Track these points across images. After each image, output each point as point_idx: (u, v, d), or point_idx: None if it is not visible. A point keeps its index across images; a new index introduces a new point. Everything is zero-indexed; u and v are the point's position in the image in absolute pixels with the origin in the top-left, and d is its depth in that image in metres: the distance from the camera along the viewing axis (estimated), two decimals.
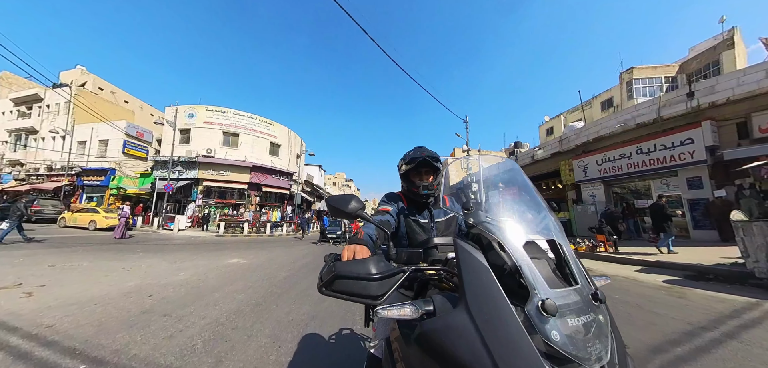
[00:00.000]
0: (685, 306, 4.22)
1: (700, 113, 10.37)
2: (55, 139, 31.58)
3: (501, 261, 0.88)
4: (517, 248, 0.81)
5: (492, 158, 1.35)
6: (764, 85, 9.14)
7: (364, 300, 0.82)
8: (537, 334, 0.68)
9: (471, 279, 0.77)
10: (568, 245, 0.91)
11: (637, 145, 12.25)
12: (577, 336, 0.69)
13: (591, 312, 0.76)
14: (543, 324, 0.68)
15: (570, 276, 0.85)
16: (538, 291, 0.73)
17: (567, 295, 0.76)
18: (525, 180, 1.15)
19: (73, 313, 3.51)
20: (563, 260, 0.89)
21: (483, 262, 0.79)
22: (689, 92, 10.44)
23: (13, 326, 3.05)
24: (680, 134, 10.87)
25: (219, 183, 23.47)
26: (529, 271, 0.76)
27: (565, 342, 0.67)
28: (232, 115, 25.23)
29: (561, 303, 0.72)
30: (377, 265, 0.86)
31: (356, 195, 1.12)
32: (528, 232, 0.89)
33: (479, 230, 0.93)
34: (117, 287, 4.79)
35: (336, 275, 0.83)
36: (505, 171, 1.24)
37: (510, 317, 0.69)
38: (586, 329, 0.71)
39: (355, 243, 1.04)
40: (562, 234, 0.94)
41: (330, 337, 3.15)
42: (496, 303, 0.71)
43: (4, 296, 4.04)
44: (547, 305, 0.69)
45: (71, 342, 2.76)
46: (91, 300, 4.01)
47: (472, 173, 1.31)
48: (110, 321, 3.33)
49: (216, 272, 6.46)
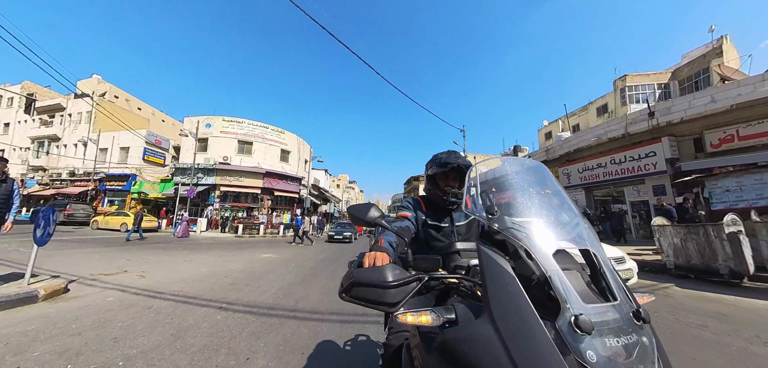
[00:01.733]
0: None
1: (660, 130, 12.04)
2: (76, 146, 33.67)
3: (528, 271, 0.84)
4: (547, 257, 0.76)
5: (519, 159, 1.29)
6: (710, 107, 10.81)
7: (380, 306, 0.82)
8: (570, 354, 0.62)
9: (496, 288, 0.73)
10: (605, 256, 0.84)
11: (610, 156, 13.93)
12: (617, 358, 0.63)
13: (633, 332, 0.69)
14: (577, 343, 0.63)
15: (607, 291, 0.78)
16: (571, 306, 0.67)
17: (604, 312, 0.70)
18: (554, 182, 1.09)
19: (186, 285, 5.27)
20: (599, 272, 0.82)
21: (509, 270, 0.75)
22: (650, 112, 12.10)
23: (157, 291, 4.82)
24: (645, 148, 12.55)
25: (234, 188, 25.31)
26: (560, 283, 0.71)
27: (603, 364, 0.61)
28: (246, 124, 27.14)
29: (597, 321, 0.66)
30: (393, 272, 0.84)
31: (375, 204, 1.14)
32: (558, 240, 0.84)
33: (505, 236, 0.87)
34: (196, 271, 6.57)
35: (353, 281, 0.85)
36: (533, 173, 1.16)
37: (539, 331, 0.64)
38: (627, 352, 0.65)
39: (375, 250, 1.05)
40: (597, 243, 0.87)
41: (345, 344, 3.16)
42: (524, 315, 0.67)
43: (126, 277, 5.80)
44: (581, 321, 0.63)
45: (202, 298, 4.52)
46: (189, 278, 5.78)
47: (495, 174, 1.27)
48: (215, 288, 5.10)
49: (258, 263, 8.24)
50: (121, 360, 2.56)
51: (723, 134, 11.09)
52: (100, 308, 3.88)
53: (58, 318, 3.47)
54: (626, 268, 4.96)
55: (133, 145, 29.98)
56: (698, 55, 26.95)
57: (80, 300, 4.15)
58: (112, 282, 5.28)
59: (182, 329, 3.30)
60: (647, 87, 29.73)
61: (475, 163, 1.35)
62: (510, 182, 1.09)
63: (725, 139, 11.06)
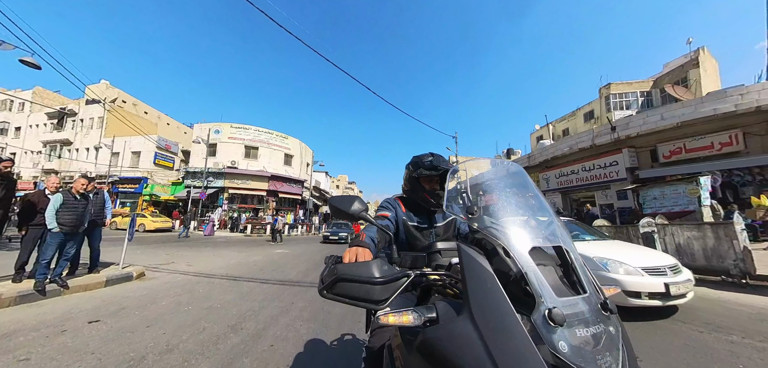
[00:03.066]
0: None
1: (621, 142, 13.79)
2: (88, 150, 35.32)
3: (506, 268, 0.84)
4: (523, 255, 0.80)
5: (498, 162, 1.32)
6: (660, 124, 12.56)
7: (367, 304, 0.81)
8: (544, 344, 0.66)
9: (475, 285, 0.75)
10: (576, 252, 0.89)
11: (581, 164, 15.69)
12: (585, 347, 0.68)
13: (600, 322, 0.74)
14: (550, 334, 0.67)
15: (578, 284, 0.83)
16: (545, 300, 0.71)
17: (575, 304, 0.75)
18: (530, 184, 1.13)
19: (228, 270, 6.98)
20: (571, 267, 0.87)
21: (488, 268, 0.78)
22: (612, 127, 13.86)
23: (210, 274, 6.52)
24: (609, 158, 14.30)
25: (241, 191, 27.01)
26: (535, 278, 0.74)
27: (573, 353, 0.65)
28: (252, 131, 28.84)
29: (569, 313, 0.70)
30: (380, 268, 0.84)
31: (359, 196, 1.12)
32: (534, 238, 0.88)
33: (483, 235, 0.91)
34: (228, 262, 8.27)
35: (338, 277, 0.83)
36: (511, 174, 1.20)
37: (515, 326, 0.67)
38: (595, 340, 0.70)
39: (357, 245, 1.04)
40: (569, 240, 0.91)
41: (331, 342, 3.19)
42: (501, 311, 0.70)
43: (178, 267, 7.49)
44: (555, 314, 0.67)
45: (245, 277, 6.23)
46: (226, 266, 7.49)
47: (476, 177, 1.25)
48: (250, 272, 6.82)
49: (275, 256, 9.96)
50: (218, 304, 4.28)
51: (673, 147, 12.85)
52: (178, 283, 5.60)
53: (155, 288, 5.18)
54: (685, 279, 4.05)
55: (145, 149, 31.62)
56: (677, 66, 28.75)
57: (159, 280, 5.85)
58: (170, 269, 6.99)
59: (243, 293, 5.02)
60: (630, 95, 31.43)
61: (455, 164, 1.38)
62: (489, 185, 1.13)
63: (675, 151, 12.82)
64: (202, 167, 25.33)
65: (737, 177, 11.98)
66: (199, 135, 27.60)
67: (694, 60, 26.47)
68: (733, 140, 11.83)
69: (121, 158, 32.27)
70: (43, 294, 4.22)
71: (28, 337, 3.01)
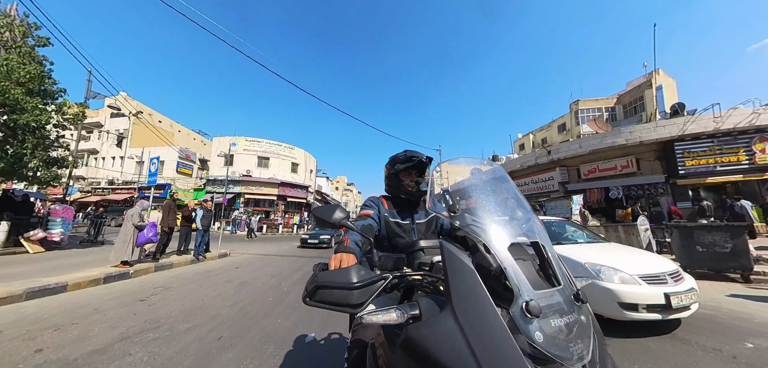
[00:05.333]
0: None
1: (555, 162, 18.12)
2: (114, 159, 39.50)
3: (486, 263, 0.88)
4: (502, 251, 0.83)
5: (478, 162, 1.37)
6: (579, 151, 16.88)
7: (346, 308, 0.83)
8: (521, 335, 0.69)
9: (457, 281, 0.77)
10: (552, 247, 0.93)
11: (530, 177, 20.05)
12: (559, 336, 0.71)
13: (573, 312, 0.78)
14: (527, 325, 0.70)
15: (553, 277, 0.87)
16: (523, 293, 0.74)
17: (550, 296, 0.78)
18: (510, 184, 1.18)
19: (276, 253, 11.25)
20: (547, 261, 0.91)
21: (469, 264, 0.80)
22: (548, 151, 18.19)
23: (266, 254, 10.79)
24: (548, 174, 18.65)
25: (255, 195, 31.26)
26: (513, 273, 0.77)
27: (547, 342, 0.68)
28: (264, 143, 33.14)
29: (544, 304, 0.73)
30: (358, 273, 0.86)
31: (340, 205, 1.18)
32: (512, 234, 0.91)
33: (465, 232, 0.96)
34: (269, 250, 12.51)
35: (318, 285, 0.85)
36: (491, 174, 1.25)
37: (495, 319, 0.69)
38: (568, 329, 0.74)
39: (342, 252, 1.09)
40: (545, 236, 0.96)
41: (320, 341, 3.24)
42: (482, 305, 0.72)
43: (239, 252, 11.72)
44: (531, 306, 0.70)
45: (291, 256, 10.51)
46: (271, 253, 11.75)
47: (460, 176, 1.31)
48: (293, 254, 11.09)
49: (285, 247, 14.22)
50: (268, 267, 8.54)
51: (591, 167, 17.19)
52: (252, 260, 9.85)
53: (237, 260, 9.43)
54: (688, 289, 3.56)
55: (167, 158, 35.80)
56: (636, 85, 33.19)
57: (239, 258, 10.10)
58: (238, 252, 11.26)
59: (298, 265, 9.22)
60: (596, 110, 35.87)
61: (438, 163, 1.41)
62: (471, 184, 1.15)
63: (591, 170, 17.16)
64: (222, 176, 29.56)
65: (633, 191, 16.30)
66: (220, 149, 31.91)
67: (648, 83, 30.88)
68: (629, 164, 16.16)
69: (146, 166, 36.45)
70: (198, 261, 8.50)
71: (198, 275, 7.22)
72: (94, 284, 5.35)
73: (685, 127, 14.08)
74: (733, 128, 13.59)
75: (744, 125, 13.48)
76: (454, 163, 1.37)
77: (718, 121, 13.48)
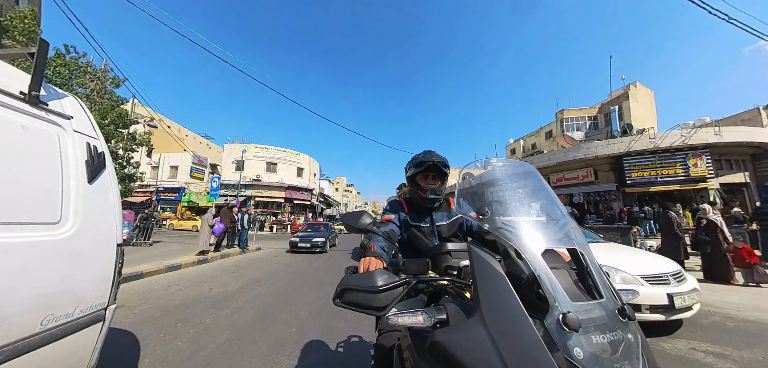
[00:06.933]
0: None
1: None
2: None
3: (518, 270, 0.85)
4: (536, 257, 0.79)
5: (509, 161, 1.32)
6: (548, 163, 19.87)
7: (370, 311, 0.85)
8: (558, 351, 0.65)
9: (486, 287, 0.75)
10: (592, 255, 0.87)
11: None
12: (603, 354, 0.66)
13: (618, 329, 0.72)
14: (564, 339, 0.66)
15: (594, 289, 0.82)
16: (559, 304, 0.70)
17: (591, 309, 0.73)
18: (543, 184, 1.11)
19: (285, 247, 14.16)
20: (586, 271, 0.85)
21: (499, 270, 0.77)
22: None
23: (280, 248, 13.71)
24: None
25: (264, 198, 34.13)
26: (548, 282, 0.74)
27: (589, 360, 0.63)
28: (272, 150, 36.02)
29: (584, 318, 0.69)
30: (382, 277, 0.87)
31: (367, 211, 1.24)
32: (547, 240, 0.87)
33: (495, 236, 0.91)
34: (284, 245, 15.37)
35: (344, 288, 0.90)
36: (522, 174, 1.17)
37: (528, 330, 0.66)
38: (613, 347, 0.68)
39: (369, 256, 1.11)
40: (584, 243, 0.90)
41: (338, 345, 3.24)
42: (514, 314, 0.69)
43: (264, 248, 14.59)
44: (569, 319, 0.66)
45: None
46: (283, 247, 14.63)
47: (487, 175, 1.26)
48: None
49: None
50: (288, 259, 11.47)
51: (558, 176, 20.18)
52: (272, 252, 12.71)
53: (265, 254, 12.31)
54: (691, 289, 3.51)
55: (181, 163, 38.59)
56: (615, 96, 36.16)
57: (264, 251, 12.96)
58: (267, 247, 14.15)
59: (312, 257, 12.15)
60: (580, 119, 38.84)
61: (472, 164, 1.38)
62: (501, 185, 1.12)
63: (559, 179, 20.17)
64: (234, 180, 32.41)
65: (592, 197, 19.29)
66: (231, 154, 34.89)
67: (626, 95, 33.86)
68: (589, 174, 19.17)
69: (160, 171, 39.22)
70: (245, 252, 11.40)
71: (254, 259, 10.15)
72: (194, 265, 8.25)
73: (630, 145, 17.09)
74: (670, 146, 16.60)
75: (678, 144, 16.49)
76: (481, 163, 1.35)
77: (653, 141, 16.49)
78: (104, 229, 1.80)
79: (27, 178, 1.48)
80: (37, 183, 1.52)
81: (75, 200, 1.65)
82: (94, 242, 1.72)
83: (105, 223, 1.81)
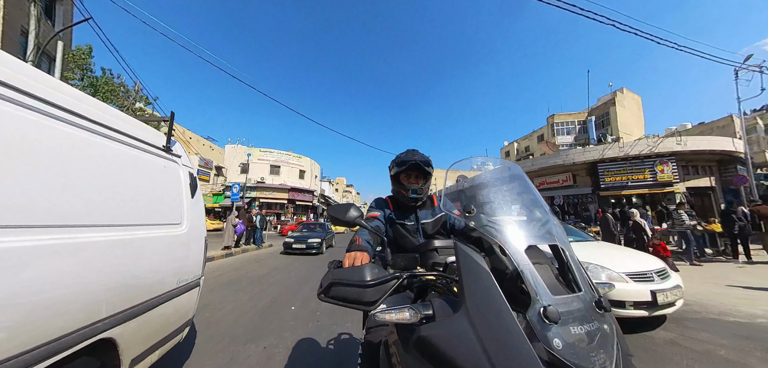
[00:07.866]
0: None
1: None
2: None
3: (502, 266, 0.88)
4: (519, 253, 0.82)
5: (494, 161, 1.35)
6: (532, 168, 21.66)
7: (358, 306, 0.85)
8: (539, 342, 0.68)
9: (472, 283, 0.77)
10: (572, 251, 0.90)
11: None
12: (580, 344, 0.69)
13: (595, 320, 0.76)
14: (545, 331, 0.69)
15: (573, 283, 0.85)
16: (540, 298, 0.73)
17: (570, 302, 0.77)
18: (527, 183, 1.15)
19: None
20: (566, 266, 0.89)
21: (484, 266, 0.79)
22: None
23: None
24: None
25: (268, 199, 35.89)
26: (530, 277, 0.77)
27: (567, 350, 0.66)
28: (276, 153, 37.80)
29: (563, 310, 0.72)
30: (371, 272, 0.87)
31: (354, 204, 1.19)
32: (530, 237, 0.89)
33: (480, 233, 0.94)
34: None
35: (331, 282, 0.87)
36: (507, 173, 1.21)
37: (511, 323, 0.68)
38: (589, 337, 0.71)
39: (355, 250, 1.11)
40: (565, 239, 0.93)
41: (328, 342, 3.30)
42: (497, 308, 0.71)
43: (275, 245, 16.35)
44: (549, 312, 0.69)
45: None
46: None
47: (474, 176, 1.29)
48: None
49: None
50: (292, 257, 13.26)
51: (540, 180, 21.99)
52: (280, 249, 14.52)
53: (275, 251, 14.09)
54: (673, 286, 3.64)
55: None
56: (603, 102, 37.84)
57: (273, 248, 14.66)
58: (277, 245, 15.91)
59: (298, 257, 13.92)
60: (570, 123, 40.52)
61: (455, 164, 1.39)
62: (487, 184, 1.14)
63: (541, 183, 21.98)
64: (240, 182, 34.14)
65: (571, 199, 21.09)
66: (233, 155, 36.72)
67: (612, 101, 35.59)
68: (568, 179, 20.99)
69: None
70: (261, 248, 13.17)
71: (271, 254, 11.91)
72: (223, 257, 10.05)
73: (604, 152, 18.91)
74: (639, 154, 18.41)
75: (646, 151, 18.28)
76: (466, 162, 1.35)
77: (622, 150, 18.31)
78: (200, 227, 2.53)
79: (166, 196, 2.18)
80: (171, 199, 2.21)
81: (187, 209, 2.36)
82: (195, 236, 2.43)
83: (200, 223, 2.54)
